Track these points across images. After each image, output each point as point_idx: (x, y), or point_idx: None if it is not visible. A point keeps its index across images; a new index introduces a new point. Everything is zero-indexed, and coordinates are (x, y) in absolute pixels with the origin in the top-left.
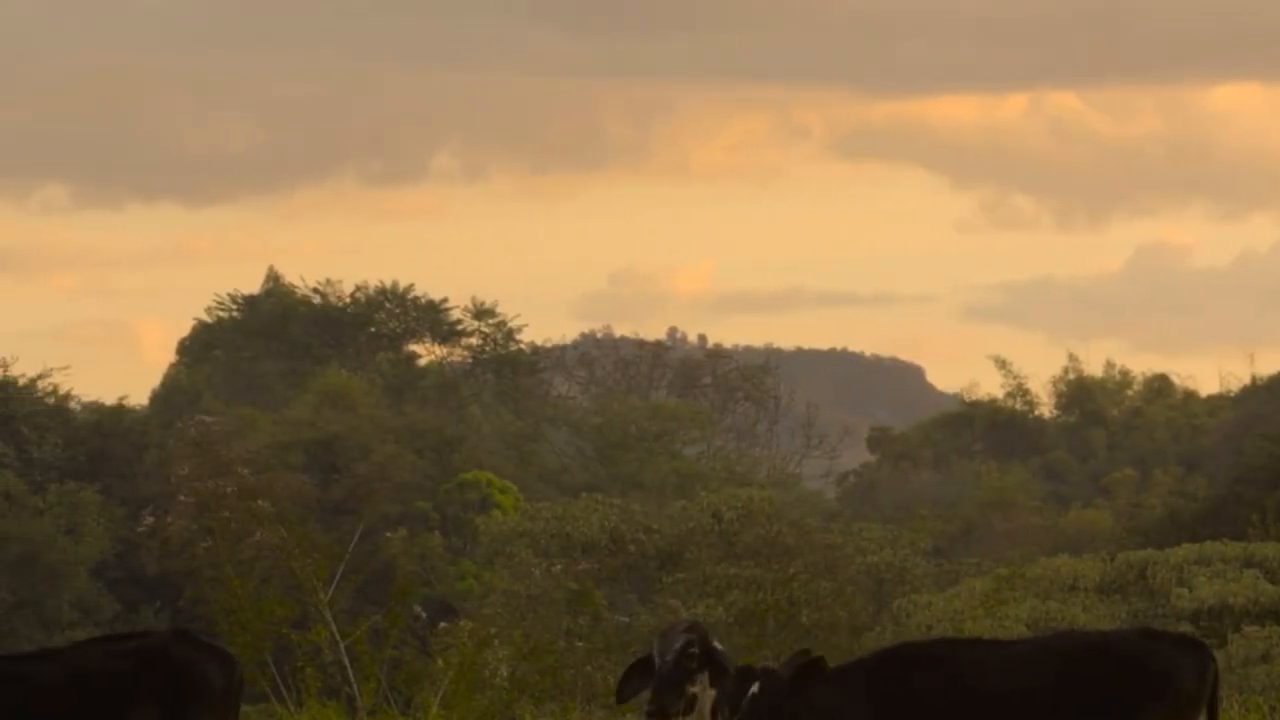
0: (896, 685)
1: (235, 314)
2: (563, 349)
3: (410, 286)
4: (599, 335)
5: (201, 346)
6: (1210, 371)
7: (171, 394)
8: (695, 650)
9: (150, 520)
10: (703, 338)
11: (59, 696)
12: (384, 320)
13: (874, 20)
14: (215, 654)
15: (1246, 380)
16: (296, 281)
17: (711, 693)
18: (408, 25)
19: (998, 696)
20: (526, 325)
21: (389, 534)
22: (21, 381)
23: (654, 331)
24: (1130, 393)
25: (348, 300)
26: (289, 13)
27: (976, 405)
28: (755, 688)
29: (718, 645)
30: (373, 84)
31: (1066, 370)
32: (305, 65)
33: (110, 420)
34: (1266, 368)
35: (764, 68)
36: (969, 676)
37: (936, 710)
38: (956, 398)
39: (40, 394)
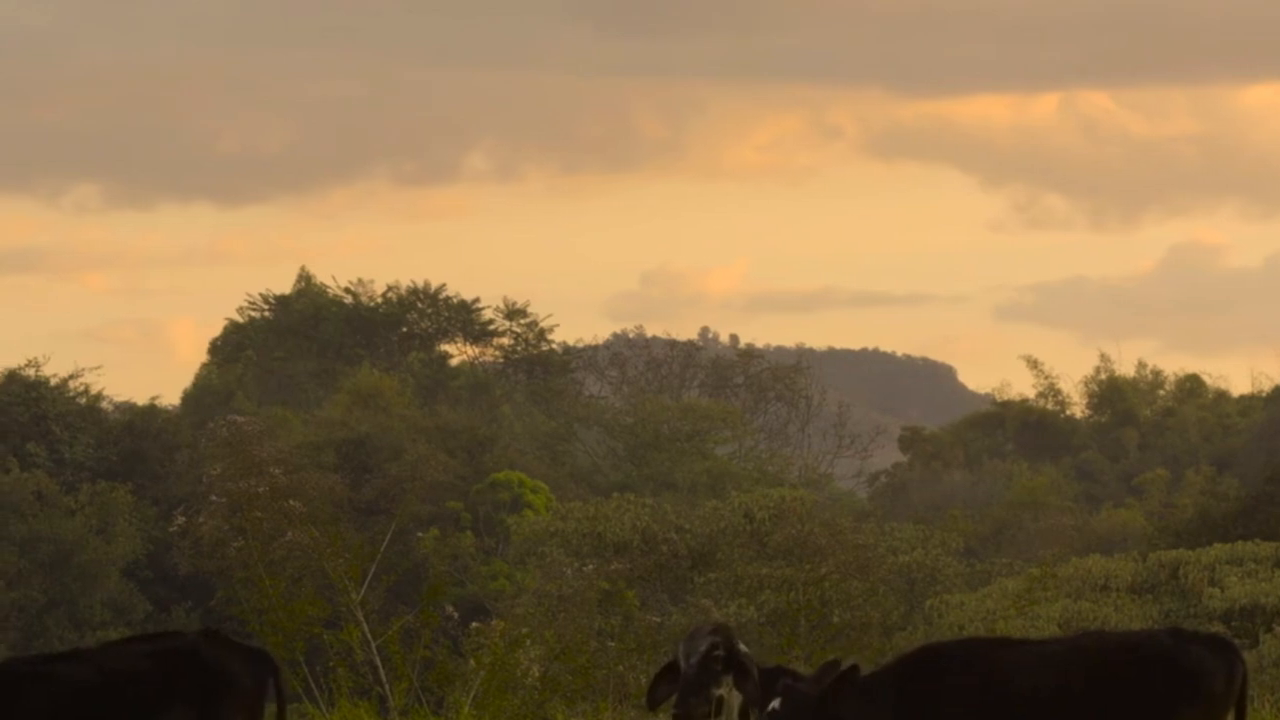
0: (924, 687)
1: (267, 314)
2: (595, 349)
3: (442, 286)
4: (631, 335)
5: (233, 346)
6: (1242, 371)
7: (203, 394)
8: (720, 653)
9: (182, 520)
10: (735, 338)
11: (91, 697)
12: (416, 320)
13: (907, 20)
14: (246, 653)
15: (1278, 380)
16: (329, 281)
17: (738, 695)
18: (440, 25)
19: (1026, 697)
20: (558, 325)
21: (421, 534)
22: (54, 381)
23: (686, 331)
24: (1162, 393)
25: (380, 300)
26: (322, 13)
27: (1008, 405)
28: (776, 703)
29: (743, 648)
30: (406, 84)
31: (1098, 370)
32: (338, 65)
33: (142, 420)
34: None
35: (797, 67)
36: (997, 677)
37: (965, 712)
38: (988, 398)
39: (72, 394)
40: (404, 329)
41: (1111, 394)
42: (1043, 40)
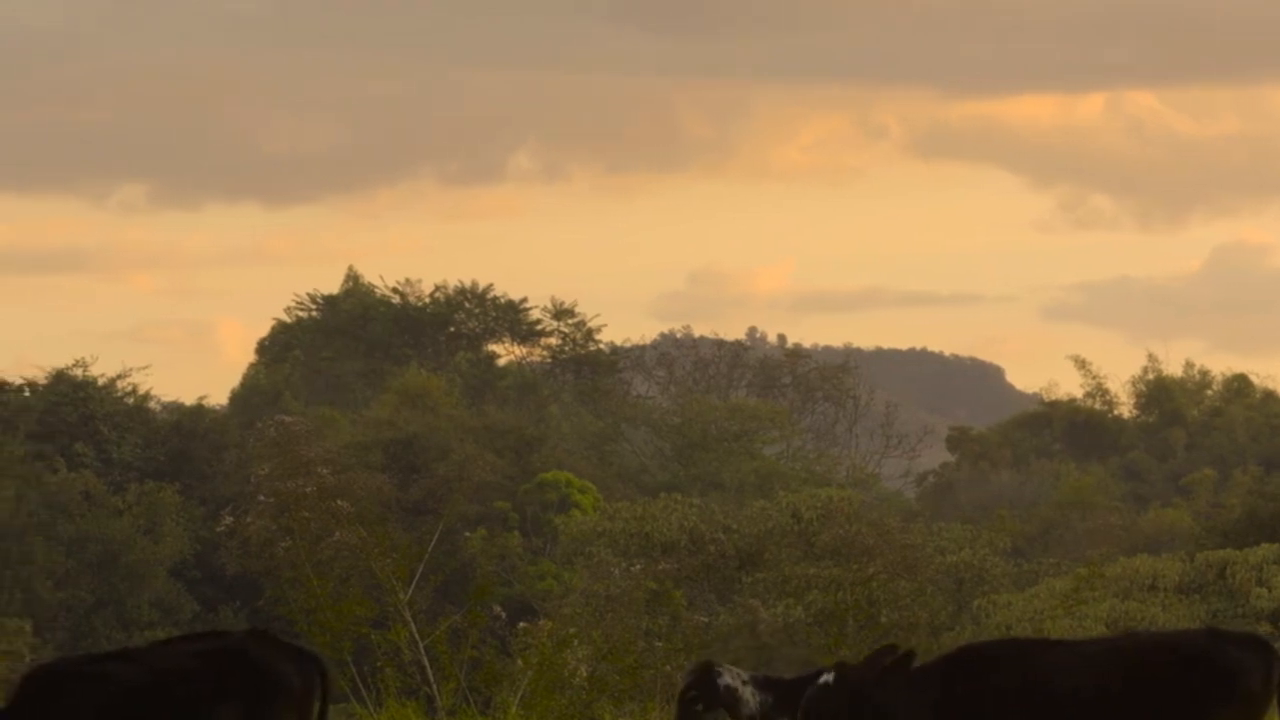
0: (967, 687)
1: (315, 314)
2: (642, 349)
3: (490, 286)
4: (678, 335)
5: (281, 346)
6: None
7: (251, 394)
8: (695, 694)
9: (229, 520)
10: (782, 337)
11: (139, 696)
12: (463, 320)
13: (952, 20)
14: (293, 653)
15: None
16: (376, 281)
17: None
18: (486, 25)
19: (1066, 697)
20: (606, 325)
21: (468, 534)
22: (101, 382)
23: (733, 331)
24: (1209, 392)
25: (427, 300)
26: (368, 13)
27: (1056, 405)
28: (828, 677)
29: (729, 677)
30: (451, 84)
31: (1145, 370)
32: (385, 65)
33: (190, 420)
34: None
35: (842, 67)
36: (1038, 677)
37: (1005, 711)
38: (1036, 397)
39: (120, 394)
40: (451, 329)
41: (1159, 394)
42: (1089, 40)
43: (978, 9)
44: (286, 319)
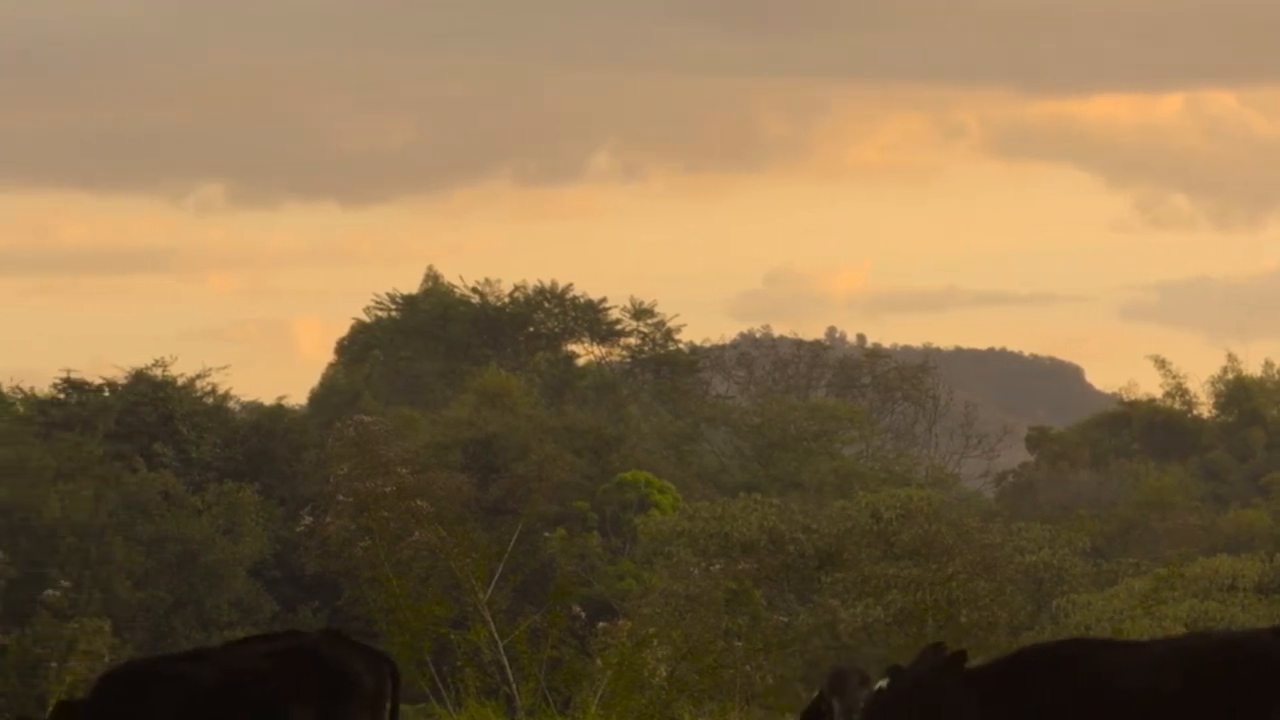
0: (1027, 687)
1: (394, 314)
2: (721, 349)
3: (569, 286)
4: (757, 335)
5: (360, 346)
6: None
7: (330, 394)
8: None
9: (309, 520)
10: (861, 337)
11: (214, 696)
12: (543, 320)
13: (1031, 20)
14: (366, 654)
15: None
16: (455, 281)
17: None
18: (565, 25)
19: (1128, 698)
20: (685, 325)
21: (547, 534)
22: (180, 381)
23: (812, 331)
24: None
25: (506, 300)
26: (446, 13)
27: (1135, 405)
28: (883, 683)
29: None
30: (530, 84)
31: (1225, 370)
32: (463, 65)
33: (269, 420)
34: None
35: (920, 67)
36: (1100, 678)
37: (1066, 712)
38: (1115, 397)
39: (199, 394)
40: (531, 329)
41: (1238, 394)
42: (1167, 40)
43: (1056, 8)
44: (366, 319)
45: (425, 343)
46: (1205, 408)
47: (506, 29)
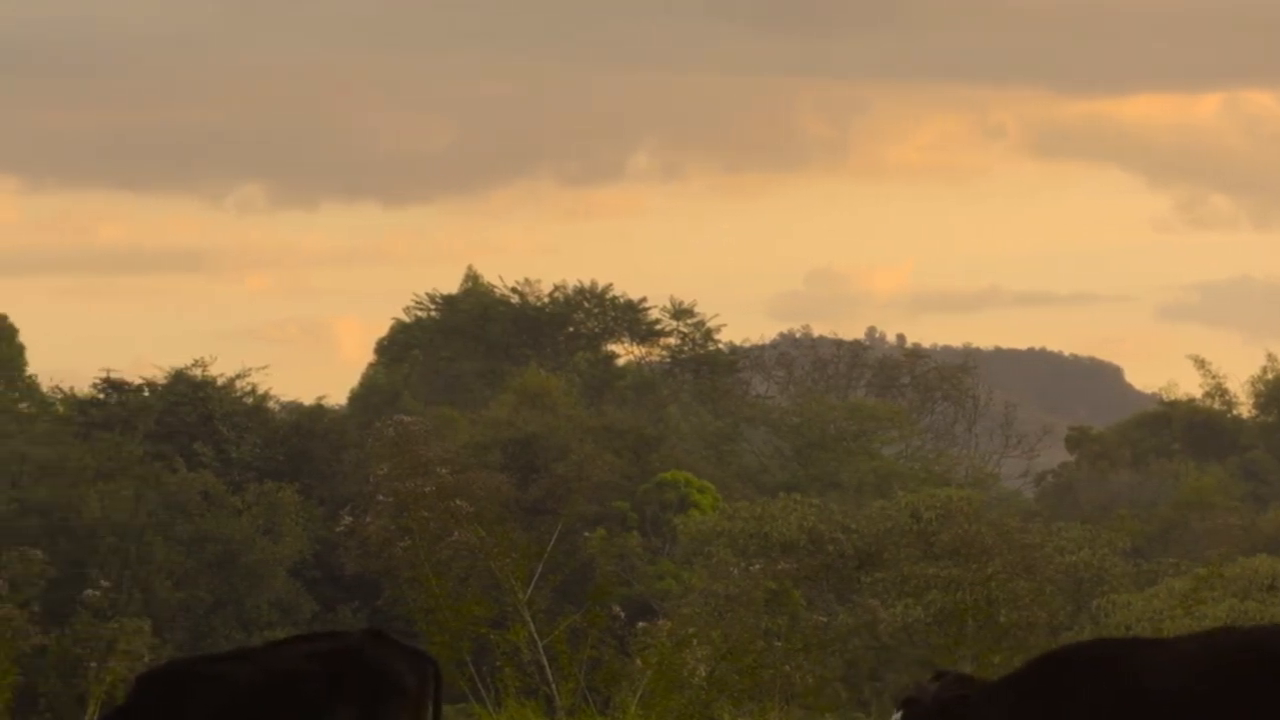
0: (1056, 690)
1: (434, 314)
2: (761, 349)
3: (609, 286)
4: (797, 335)
5: (400, 346)
6: None
7: (370, 394)
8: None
9: (348, 520)
10: (901, 337)
11: (255, 697)
12: (582, 320)
13: (1069, 20)
14: (409, 654)
15: None
16: (495, 281)
17: None
18: (605, 25)
19: (1157, 697)
20: (725, 325)
21: (587, 534)
22: (220, 381)
23: (851, 331)
24: None
25: (546, 300)
26: (486, 13)
27: (1175, 405)
28: (897, 716)
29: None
30: (570, 84)
31: (1265, 370)
32: (501, 65)
33: (309, 420)
34: None
35: (960, 67)
36: (1128, 677)
37: (1095, 714)
38: (1155, 397)
39: (239, 394)
40: (570, 329)
41: (1279, 393)
42: (1205, 40)
43: (1095, 9)
44: (405, 319)
45: (465, 343)
46: (1245, 408)
47: (546, 29)
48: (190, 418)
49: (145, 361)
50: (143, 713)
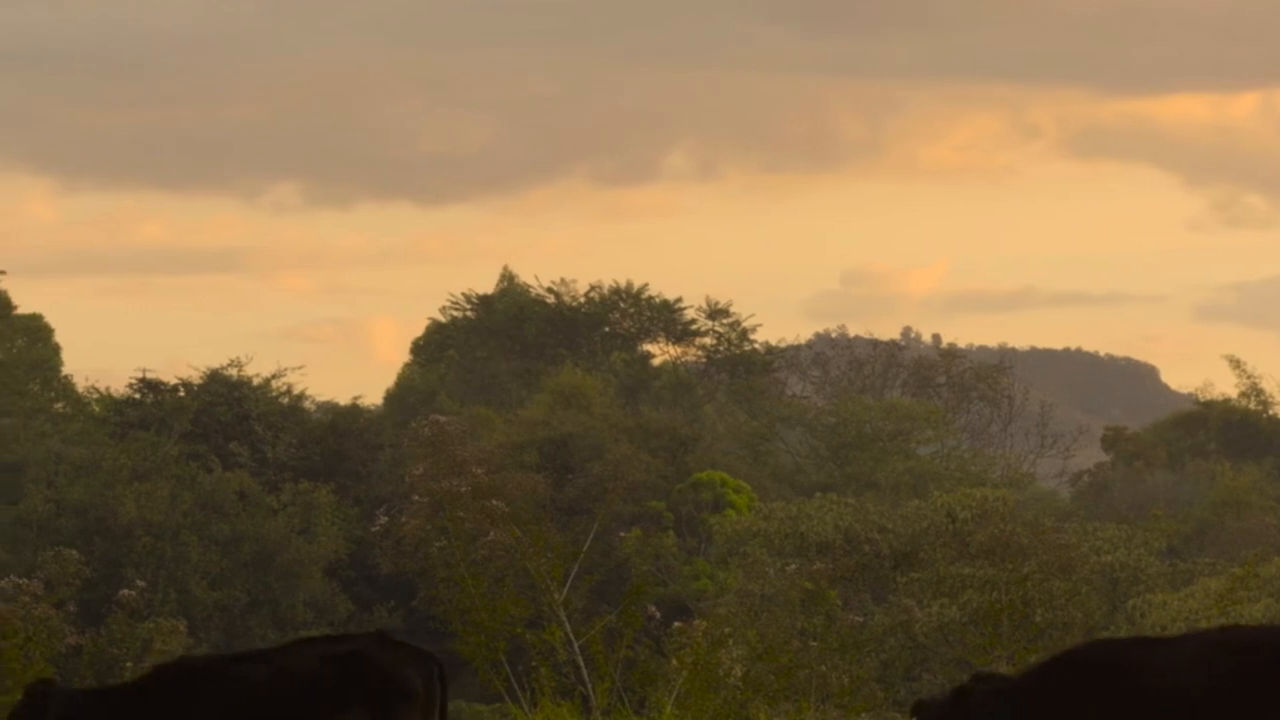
0: (1063, 692)
1: (469, 314)
2: (797, 349)
3: (645, 286)
4: (833, 335)
5: (436, 346)
6: None
7: (405, 394)
8: None
9: (384, 520)
10: (937, 337)
11: (267, 698)
12: (618, 320)
13: (1105, 19)
14: (415, 655)
15: None
16: (531, 281)
17: None
18: (639, 24)
19: (1165, 696)
20: (761, 325)
21: (623, 534)
22: (256, 381)
23: (887, 331)
24: None
25: (582, 300)
26: (522, 12)
27: (1211, 405)
28: None
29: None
30: (606, 83)
31: None
32: (538, 64)
33: (344, 420)
34: None
35: (995, 66)
36: (1137, 678)
37: (1102, 714)
38: (1190, 397)
39: (274, 394)
40: (606, 329)
41: None
42: (1242, 39)
43: (1131, 8)
44: (441, 319)
45: (501, 342)
46: None
47: (583, 28)
48: (226, 418)
49: (181, 361)
50: (152, 703)
